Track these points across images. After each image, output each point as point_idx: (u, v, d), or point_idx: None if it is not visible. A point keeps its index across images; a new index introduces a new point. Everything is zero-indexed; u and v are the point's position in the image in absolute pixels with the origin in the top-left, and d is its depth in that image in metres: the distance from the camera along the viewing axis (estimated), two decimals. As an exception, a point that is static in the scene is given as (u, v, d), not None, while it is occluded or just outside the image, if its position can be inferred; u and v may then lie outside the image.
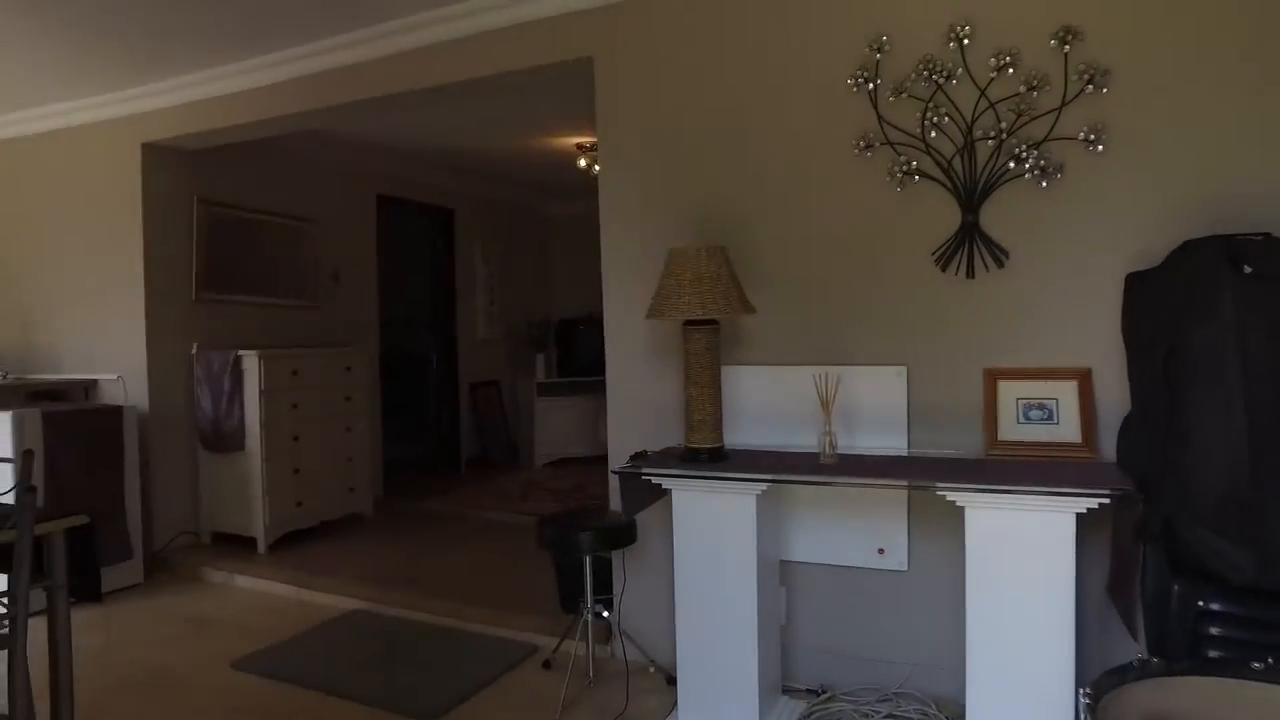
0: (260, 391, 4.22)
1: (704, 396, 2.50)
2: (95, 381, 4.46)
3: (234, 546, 4.36)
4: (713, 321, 2.50)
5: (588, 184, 5.56)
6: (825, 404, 2.49)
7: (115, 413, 3.89)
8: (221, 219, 4.61)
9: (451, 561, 4.17)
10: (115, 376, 4.38)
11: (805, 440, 2.66)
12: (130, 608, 3.74)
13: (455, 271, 6.70)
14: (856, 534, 2.67)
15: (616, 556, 3.03)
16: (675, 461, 2.53)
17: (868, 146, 2.63)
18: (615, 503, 2.97)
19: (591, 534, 2.72)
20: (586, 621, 2.87)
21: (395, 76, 3.46)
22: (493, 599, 3.56)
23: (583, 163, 5.51)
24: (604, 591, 3.04)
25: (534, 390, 7.01)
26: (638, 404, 3.05)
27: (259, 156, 4.83)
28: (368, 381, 4.96)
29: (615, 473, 2.64)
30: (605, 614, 2.97)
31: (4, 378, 4.65)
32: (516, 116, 4.81)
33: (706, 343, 2.50)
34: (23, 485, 2.34)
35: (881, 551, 2.65)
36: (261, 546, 4.26)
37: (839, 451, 2.46)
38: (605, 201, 3.10)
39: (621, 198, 3.06)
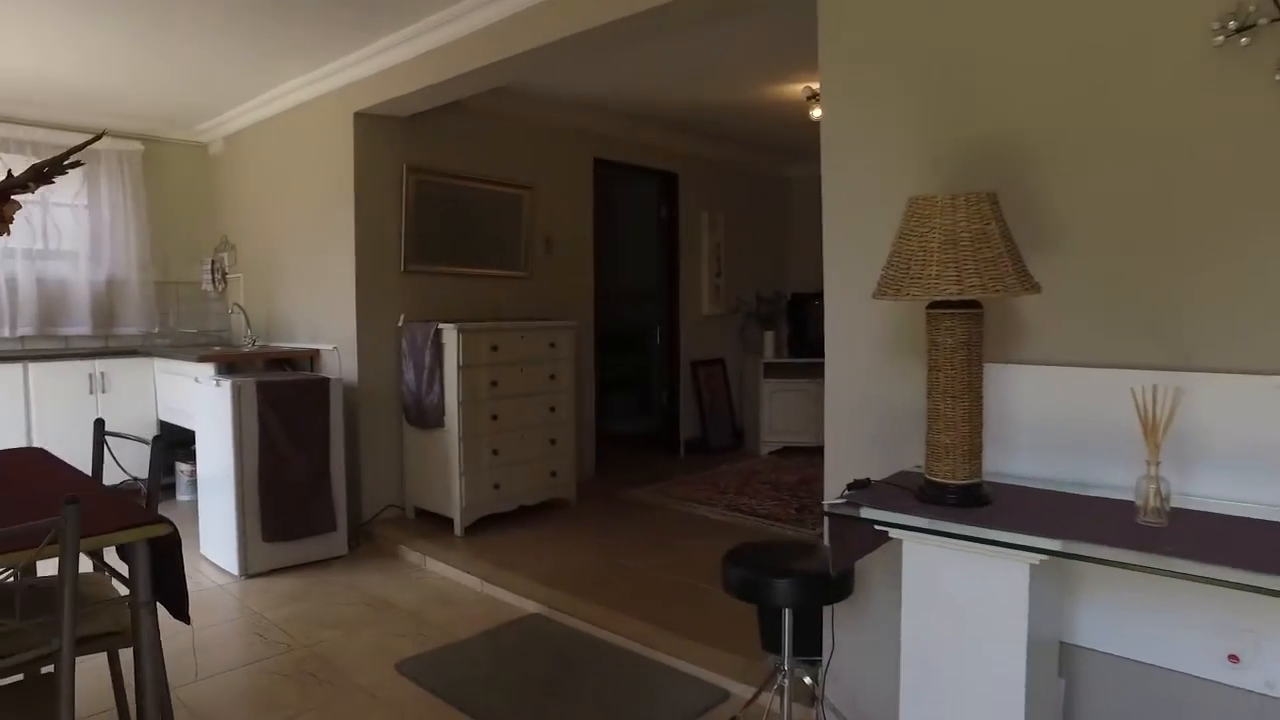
0: (459, 367, 4.00)
1: (956, 411, 1.74)
2: (318, 351, 4.51)
3: (434, 525, 4.22)
4: (973, 304, 1.73)
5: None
6: (1150, 428, 1.62)
7: (323, 384, 3.84)
8: (430, 187, 4.45)
9: (650, 567, 3.70)
10: (332, 347, 4.40)
11: (1110, 477, 1.81)
12: (327, 581, 3.68)
13: (679, 241, 6.21)
14: (1190, 626, 1.77)
15: (826, 609, 2.35)
16: (910, 500, 1.80)
17: (1240, 29, 1.67)
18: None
19: (790, 583, 2.06)
20: (783, 686, 2.23)
21: (589, 8, 2.95)
22: (687, 624, 3.02)
23: (816, 113, 4.73)
24: (809, 643, 2.38)
25: (761, 371, 6.38)
26: (862, 410, 2.33)
27: (470, 122, 4.63)
28: (576, 358, 4.62)
29: (827, 512, 1.95)
30: (808, 679, 2.31)
31: (252, 344, 4.87)
32: (737, 58, 4.16)
33: (964, 334, 1.73)
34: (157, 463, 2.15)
35: (1235, 659, 1.73)
36: (457, 528, 4.07)
37: (1170, 505, 1.60)
38: (827, 139, 2.37)
39: (847, 129, 2.32)
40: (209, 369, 4.13)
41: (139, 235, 5.30)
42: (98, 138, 2.20)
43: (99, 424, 2.51)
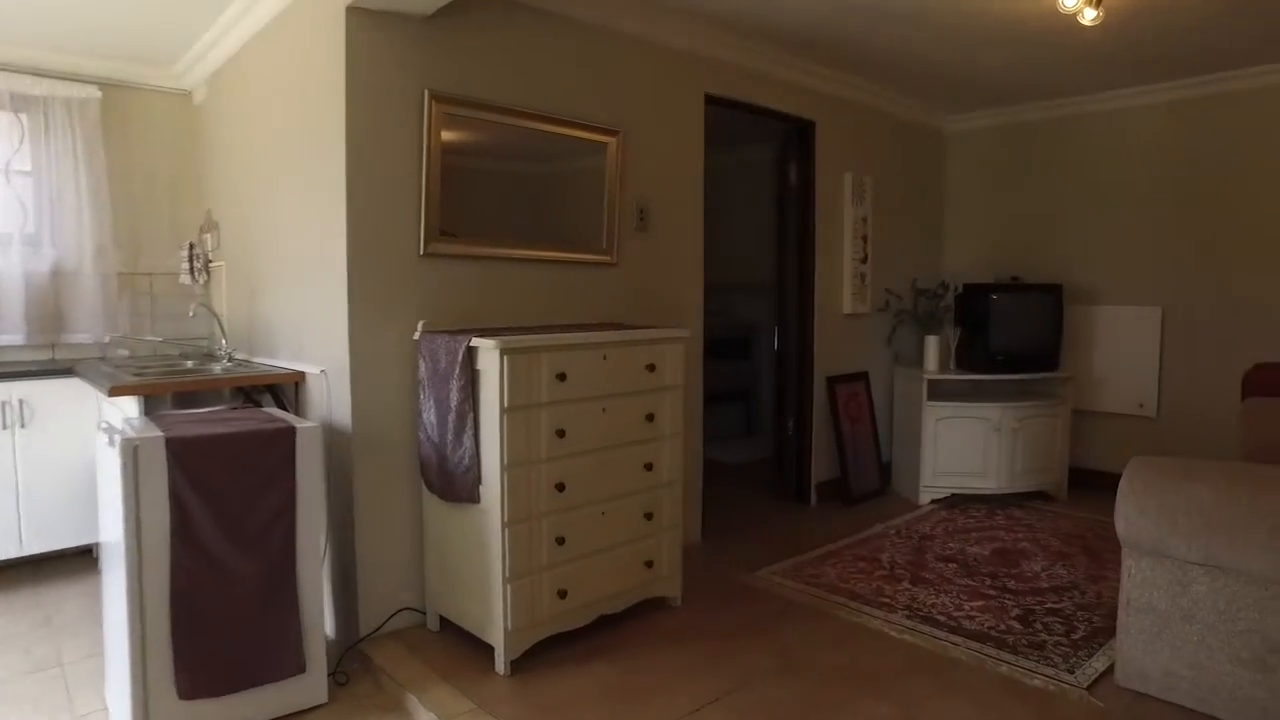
0: (503, 409, 2.47)
1: None
2: (303, 375, 3.05)
3: (467, 651, 2.71)
4: None
5: (1026, 72, 3.11)
6: None
7: (283, 438, 2.36)
8: (465, 126, 2.93)
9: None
10: (319, 370, 2.93)
11: None
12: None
13: (813, 213, 4.54)
14: None
15: None
16: None
17: None
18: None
19: None
20: None
21: None
22: None
23: (1091, 14, 2.99)
24: None
25: (924, 391, 4.67)
26: None
27: (527, 28, 3.08)
28: (686, 386, 3.04)
29: None
30: None
31: (227, 361, 3.46)
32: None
33: None
34: None
35: None
36: (500, 664, 2.56)
37: None
38: None
39: None
40: (115, 409, 2.71)
41: (95, 211, 3.96)
42: None
43: None
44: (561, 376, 2.59)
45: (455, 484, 2.62)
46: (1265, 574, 2.25)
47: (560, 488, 2.62)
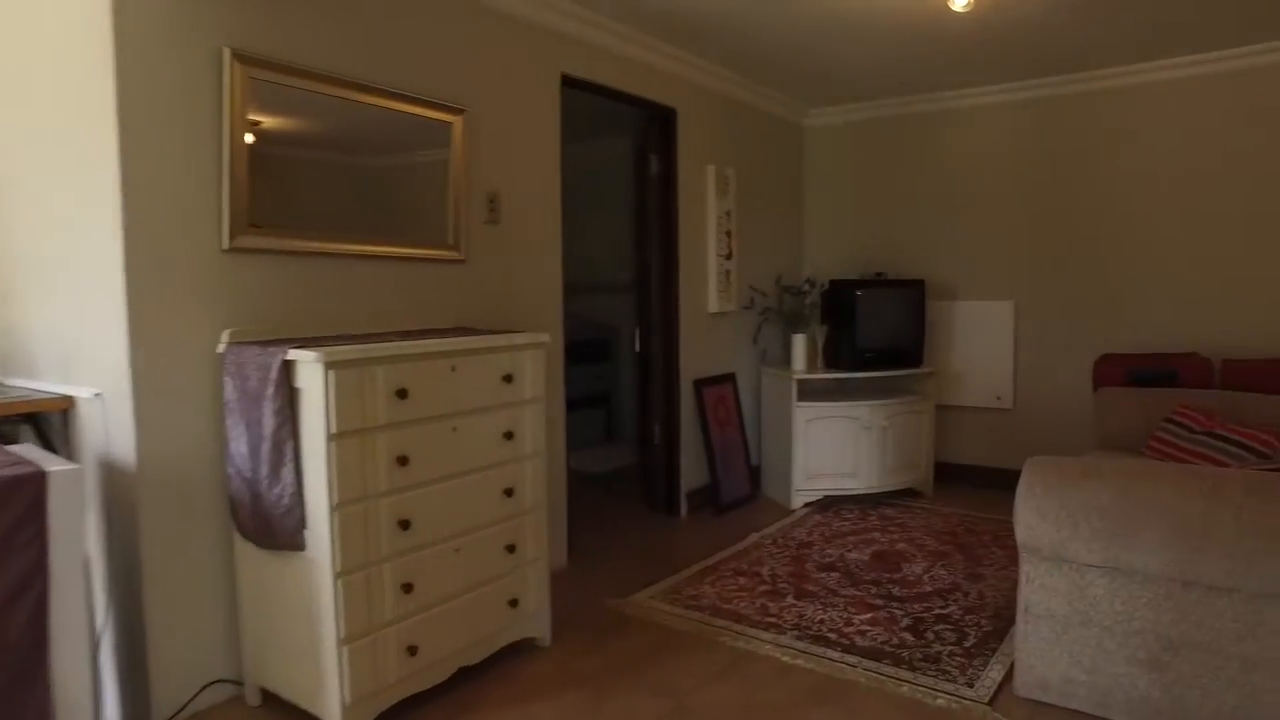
0: (329, 434, 2.02)
1: None
2: (73, 401, 2.44)
3: (294, 729, 2.23)
4: None
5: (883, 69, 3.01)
6: None
7: (20, 491, 1.78)
8: (282, 98, 2.44)
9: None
10: (92, 393, 2.34)
11: None
12: None
13: (676, 206, 4.30)
14: None
15: None
16: None
17: None
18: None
19: None
20: None
21: None
22: None
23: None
24: None
25: (791, 390, 4.53)
26: None
27: (351, -19, 2.63)
28: (547, 398, 2.68)
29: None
30: None
31: (-24, 382, 2.75)
32: None
33: None
34: None
35: None
36: (337, 745, 2.10)
37: None
38: None
39: None
40: None
41: None
42: None
43: None
44: (402, 393, 2.17)
45: (274, 528, 2.14)
46: (1163, 572, 2.17)
47: (405, 525, 2.19)
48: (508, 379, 2.50)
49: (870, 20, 3.60)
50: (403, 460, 2.17)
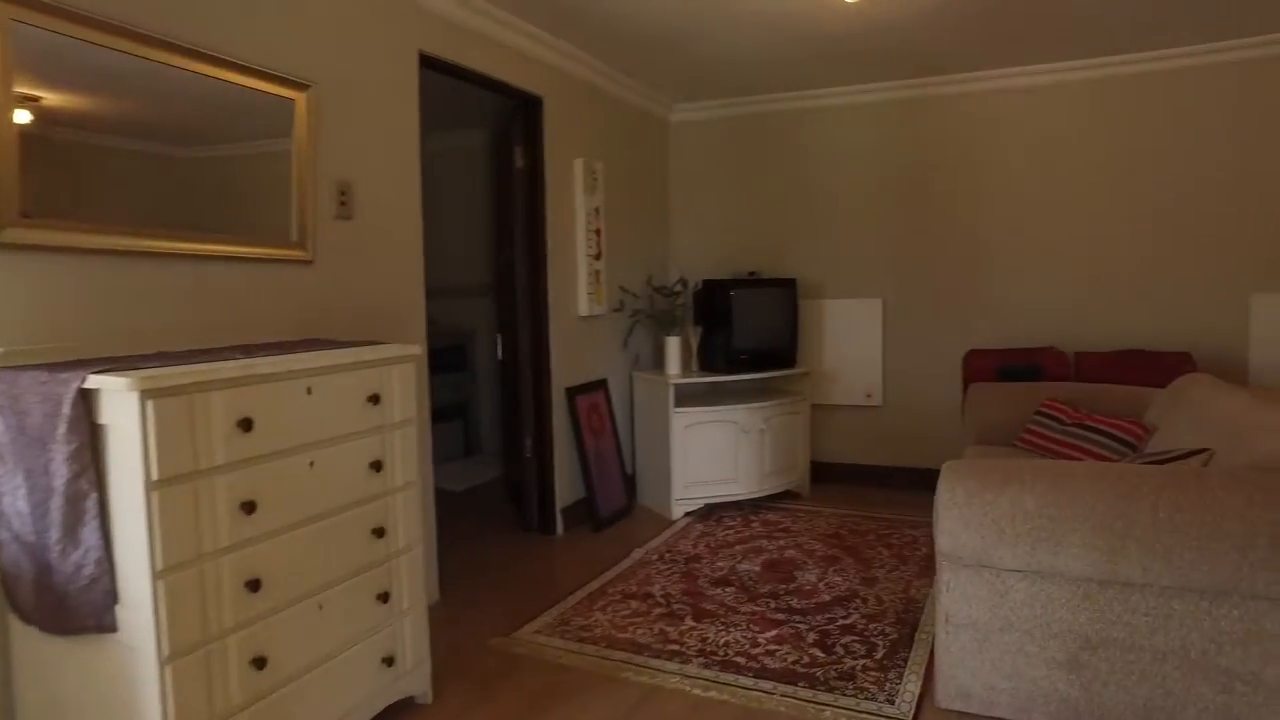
0: (150, 482, 1.57)
1: None
2: None
3: None
4: None
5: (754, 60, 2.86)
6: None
7: None
8: (69, 56, 1.92)
9: None
10: None
11: None
12: None
13: (544, 202, 3.99)
14: None
15: None
16: None
17: None
18: None
19: None
20: None
21: None
22: None
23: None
24: None
25: (668, 396, 4.34)
26: None
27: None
28: (416, 419, 2.30)
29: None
30: None
31: None
32: None
33: None
34: None
35: None
36: None
37: None
38: None
39: None
40: None
41: None
42: None
43: None
44: (246, 424, 1.74)
45: (70, 606, 1.65)
46: (1086, 574, 2.12)
47: (254, 585, 1.77)
48: (374, 399, 2.12)
49: (741, 11, 3.46)
50: (249, 506, 1.75)
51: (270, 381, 1.80)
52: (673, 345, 4.53)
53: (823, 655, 2.69)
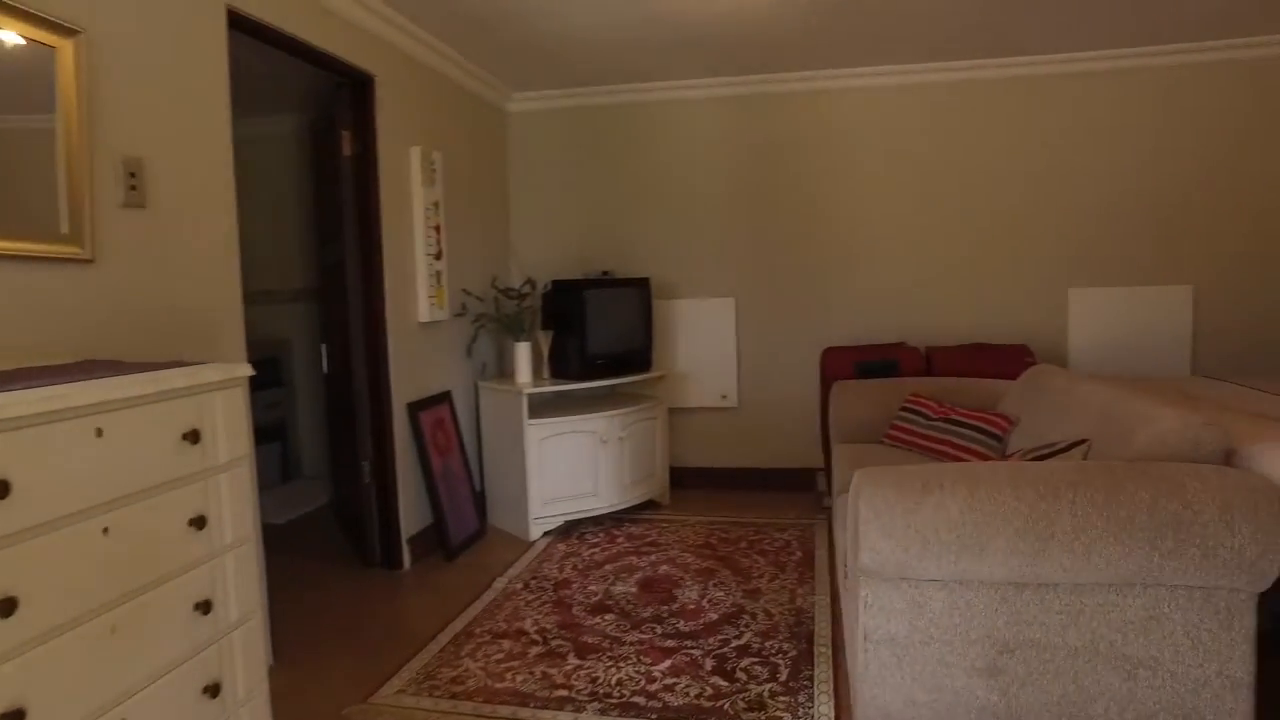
0: None
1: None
2: None
3: None
4: None
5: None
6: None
7: None
8: None
9: None
10: None
11: None
12: None
13: (378, 195, 3.52)
14: None
15: None
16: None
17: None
18: None
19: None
20: None
21: None
22: None
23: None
24: None
25: (521, 407, 4.00)
26: None
27: None
28: (248, 457, 1.82)
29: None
30: None
31: None
32: None
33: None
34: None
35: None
36: None
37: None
38: None
39: None
40: None
41: None
42: None
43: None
44: (1, 488, 1.24)
45: None
46: (1007, 578, 2.04)
47: (20, 716, 1.27)
48: (192, 437, 1.63)
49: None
50: (7, 606, 1.24)
51: (38, 425, 1.30)
52: (523, 352, 4.18)
53: (726, 684, 2.48)
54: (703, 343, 4.77)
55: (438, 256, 3.92)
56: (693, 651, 2.71)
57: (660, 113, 4.71)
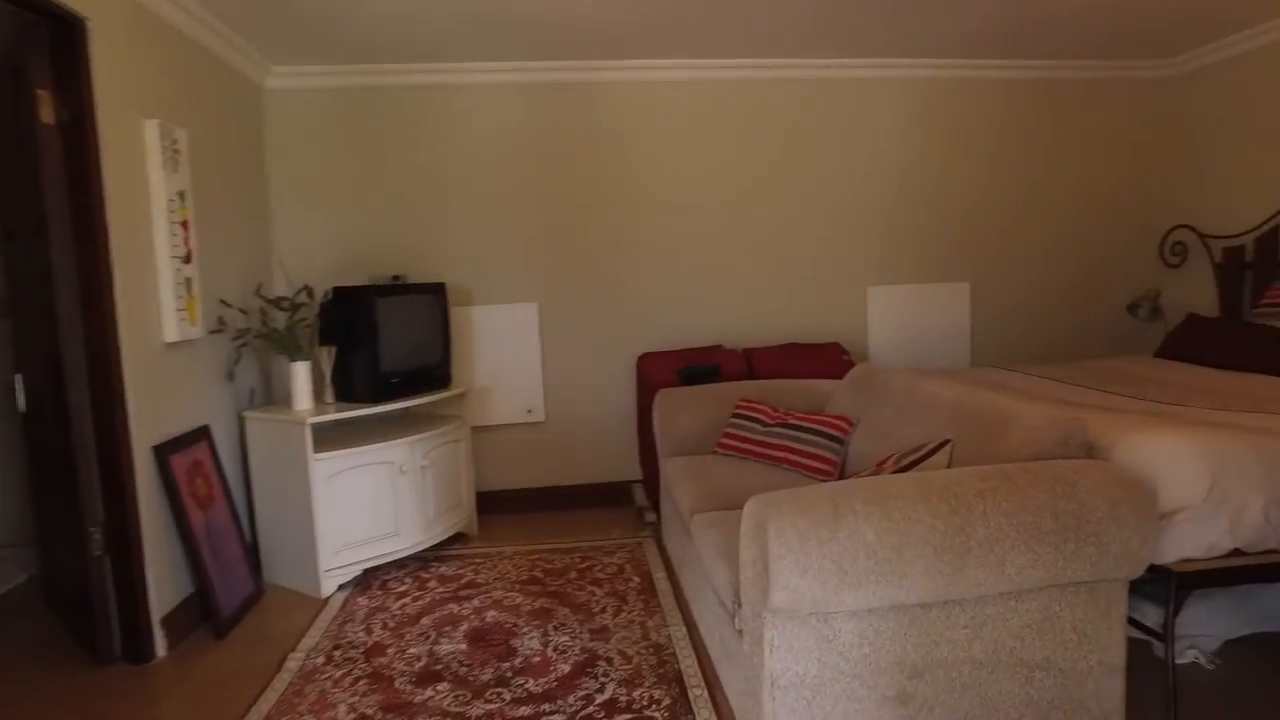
0: None
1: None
2: None
3: None
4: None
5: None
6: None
7: None
8: None
9: None
10: None
11: None
12: None
13: (101, 179, 2.71)
14: None
15: None
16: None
17: None
18: None
19: None
20: None
21: None
22: None
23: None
24: None
25: (304, 439, 3.34)
26: None
27: None
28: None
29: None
30: None
31: None
32: None
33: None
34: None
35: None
36: None
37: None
38: None
39: None
40: None
41: None
42: None
43: None
44: None
45: None
46: (923, 599, 1.89)
47: None
48: None
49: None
50: None
51: None
52: (300, 373, 3.51)
53: (608, 754, 2.13)
54: (504, 353, 4.34)
55: (186, 260, 3.15)
56: (554, 717, 2.32)
57: (448, 97, 4.21)
